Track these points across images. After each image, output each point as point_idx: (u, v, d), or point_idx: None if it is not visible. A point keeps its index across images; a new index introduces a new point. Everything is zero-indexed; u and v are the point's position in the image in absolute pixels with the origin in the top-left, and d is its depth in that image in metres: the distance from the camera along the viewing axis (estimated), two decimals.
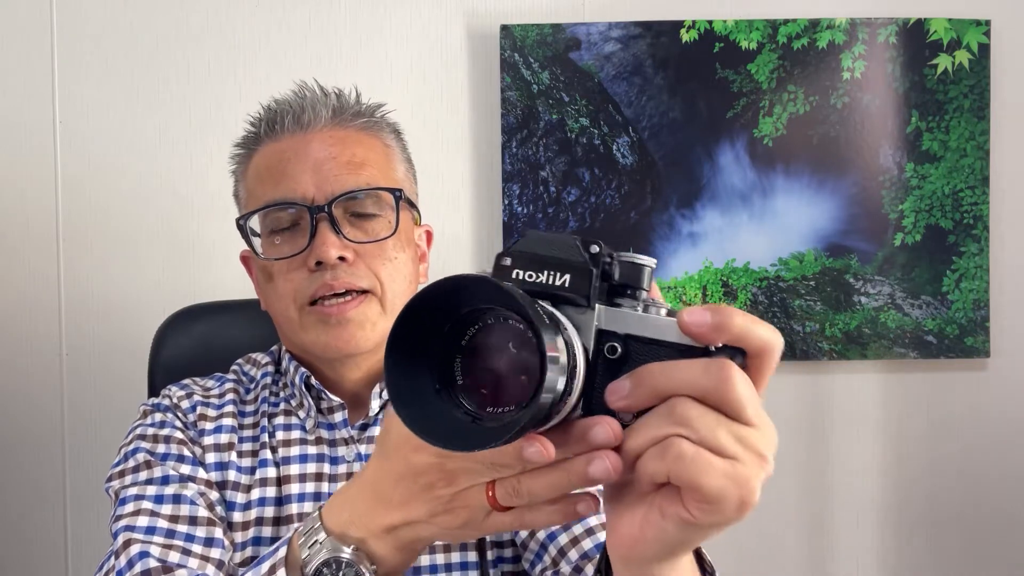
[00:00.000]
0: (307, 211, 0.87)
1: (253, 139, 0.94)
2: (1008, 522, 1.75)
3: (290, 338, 0.93)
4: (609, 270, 0.49)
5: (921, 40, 1.67)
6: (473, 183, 1.69)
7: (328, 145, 0.90)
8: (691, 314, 0.47)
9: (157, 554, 0.77)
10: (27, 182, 1.63)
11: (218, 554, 0.81)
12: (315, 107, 0.91)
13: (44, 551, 1.64)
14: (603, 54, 1.66)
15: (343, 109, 0.93)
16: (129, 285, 1.64)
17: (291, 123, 0.91)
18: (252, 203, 0.92)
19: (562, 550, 0.83)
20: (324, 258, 0.86)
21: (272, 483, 0.89)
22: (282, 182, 0.89)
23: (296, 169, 0.89)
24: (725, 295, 1.68)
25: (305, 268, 0.88)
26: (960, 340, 1.70)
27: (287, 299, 0.89)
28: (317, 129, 0.91)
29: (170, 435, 0.89)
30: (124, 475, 0.87)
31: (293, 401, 0.94)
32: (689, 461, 0.46)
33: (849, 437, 1.73)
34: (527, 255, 0.49)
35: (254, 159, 0.94)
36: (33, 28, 1.63)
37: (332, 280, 0.86)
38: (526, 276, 0.48)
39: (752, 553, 1.70)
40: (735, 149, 1.67)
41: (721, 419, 0.46)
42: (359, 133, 0.93)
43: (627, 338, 0.48)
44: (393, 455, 0.56)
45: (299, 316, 0.89)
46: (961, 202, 1.69)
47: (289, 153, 0.90)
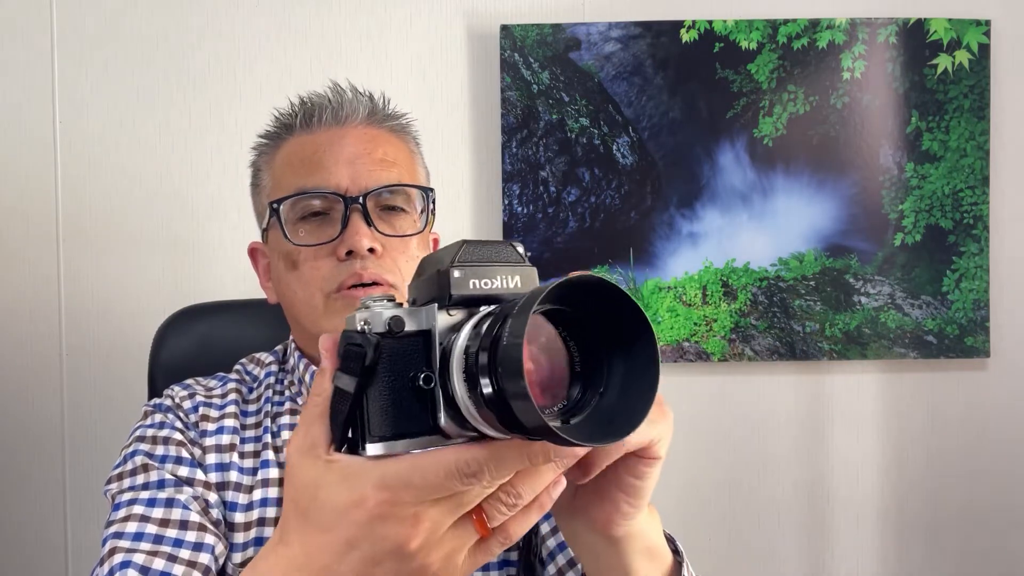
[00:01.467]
0: (341, 201, 0.89)
1: (285, 129, 0.95)
2: (1008, 522, 1.75)
3: (308, 328, 0.93)
4: None
5: (921, 40, 1.67)
6: (473, 183, 1.69)
7: (363, 141, 0.92)
8: None
9: (140, 562, 0.77)
10: (27, 182, 1.63)
11: (206, 560, 0.80)
12: (353, 105, 0.94)
13: (44, 551, 1.64)
14: (603, 54, 1.66)
15: (376, 111, 0.95)
16: (129, 285, 1.64)
17: (329, 117, 0.93)
18: (280, 190, 0.93)
19: (571, 561, 0.84)
20: (356, 248, 0.87)
21: (274, 483, 0.89)
22: (317, 172, 0.90)
23: (331, 160, 0.91)
24: (725, 295, 1.68)
25: (334, 257, 0.89)
26: (960, 340, 1.70)
27: (313, 286, 0.90)
28: (352, 125, 0.93)
29: (169, 436, 0.89)
30: (122, 478, 0.87)
31: (300, 399, 0.94)
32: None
33: (849, 437, 1.73)
34: (477, 265, 0.50)
35: (284, 148, 0.95)
36: (33, 28, 1.63)
37: (362, 270, 0.88)
38: (481, 284, 0.50)
39: (752, 553, 1.70)
40: (735, 149, 1.67)
41: None
42: (389, 134, 0.96)
43: None
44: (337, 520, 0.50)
45: (324, 303, 0.90)
46: (961, 202, 1.69)
47: (324, 145, 0.92)
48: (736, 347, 1.69)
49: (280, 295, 0.96)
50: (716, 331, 1.68)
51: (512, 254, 0.51)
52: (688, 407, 1.70)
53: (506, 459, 0.48)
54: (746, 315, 1.68)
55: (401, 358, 0.49)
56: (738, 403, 1.72)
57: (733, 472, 1.70)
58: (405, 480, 0.49)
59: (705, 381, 1.72)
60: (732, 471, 1.70)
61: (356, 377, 0.49)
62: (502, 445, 0.48)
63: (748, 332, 1.69)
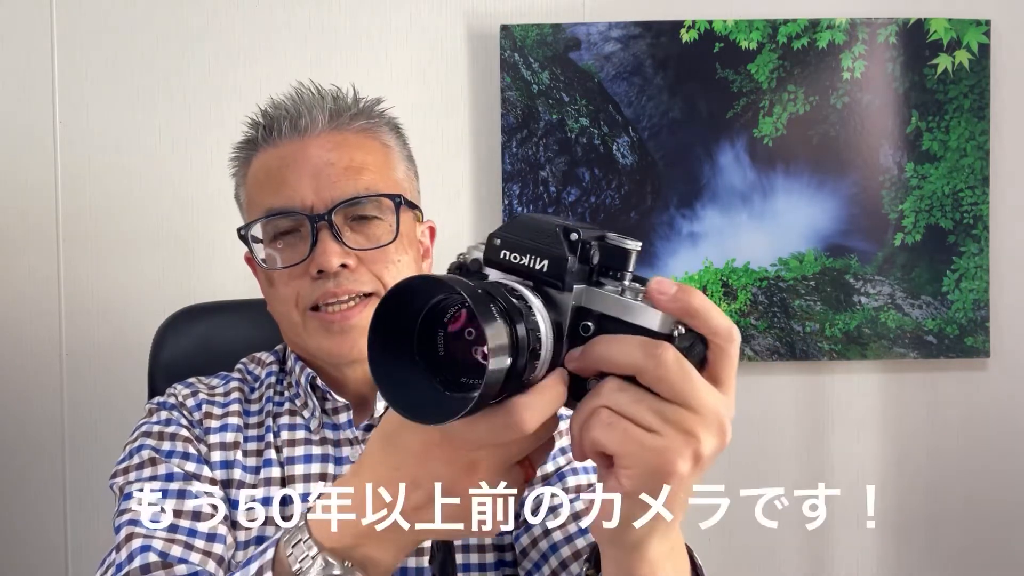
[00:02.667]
0: (307, 219, 0.87)
1: (251, 144, 0.94)
2: (1008, 522, 1.75)
3: (294, 340, 0.94)
4: (589, 255, 0.53)
5: (921, 40, 1.67)
6: (473, 183, 1.68)
7: (326, 150, 0.90)
8: (659, 283, 0.51)
9: (159, 548, 0.77)
10: (27, 182, 1.63)
11: (220, 550, 0.81)
12: (312, 111, 0.90)
13: (44, 551, 1.64)
14: (603, 54, 1.66)
15: (340, 112, 0.92)
16: (129, 285, 1.64)
17: (288, 129, 0.90)
18: (253, 210, 0.92)
19: (564, 563, 0.83)
20: (325, 267, 0.86)
21: (276, 483, 0.89)
22: (281, 190, 0.89)
23: (294, 176, 0.88)
24: (725, 295, 1.68)
25: (307, 275, 0.88)
26: (960, 340, 1.70)
27: (289, 304, 0.90)
28: (315, 135, 0.90)
29: (176, 433, 0.89)
30: (128, 472, 0.87)
31: (298, 401, 0.95)
32: (607, 427, 0.50)
33: (849, 437, 1.73)
34: (513, 239, 0.54)
35: (253, 164, 0.94)
36: (33, 28, 1.63)
37: (335, 288, 0.87)
38: (511, 258, 0.54)
39: (752, 553, 1.70)
40: (735, 149, 1.67)
41: (645, 396, 0.50)
42: (357, 136, 0.92)
43: (601, 317, 0.52)
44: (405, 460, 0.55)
45: (302, 320, 0.90)
46: (961, 202, 1.69)
47: (288, 160, 0.90)
48: None
49: (269, 307, 0.96)
50: None
51: (551, 238, 0.53)
52: None
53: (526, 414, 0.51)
54: (746, 315, 1.68)
55: None
56: (738, 403, 1.71)
57: (733, 472, 1.70)
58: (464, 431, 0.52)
59: None
60: (732, 471, 1.70)
61: None
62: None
63: (748, 332, 1.69)
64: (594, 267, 0.53)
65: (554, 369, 0.52)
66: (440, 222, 1.05)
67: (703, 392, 0.50)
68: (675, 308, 0.50)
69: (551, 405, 0.52)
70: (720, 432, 0.51)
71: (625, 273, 0.53)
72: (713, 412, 0.50)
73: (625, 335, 0.51)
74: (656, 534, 0.54)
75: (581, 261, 0.53)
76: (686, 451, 0.50)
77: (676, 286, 0.51)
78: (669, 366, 0.49)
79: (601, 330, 0.52)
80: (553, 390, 0.51)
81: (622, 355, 0.50)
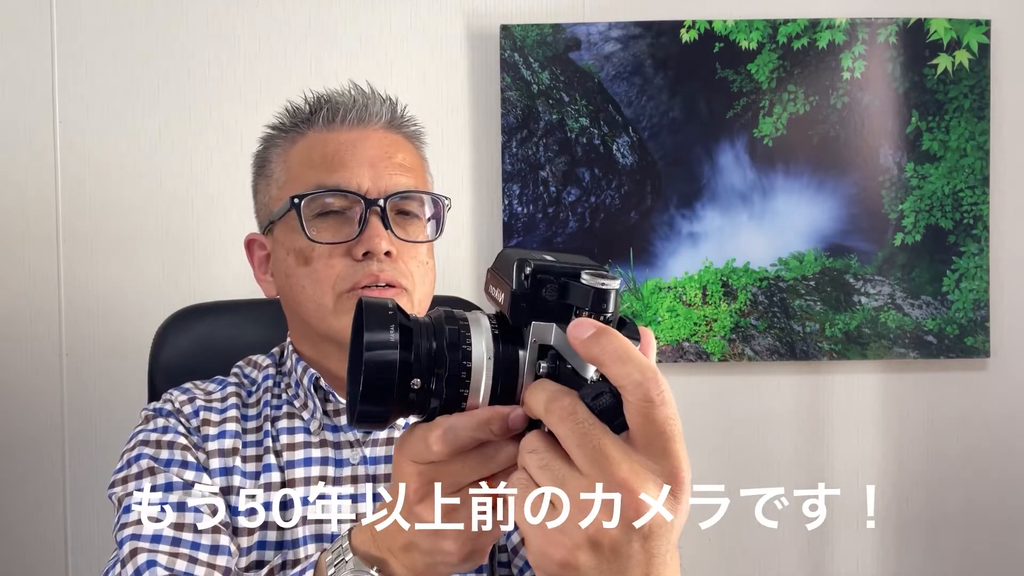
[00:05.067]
0: (362, 202, 0.89)
1: (305, 122, 0.95)
2: (1008, 522, 1.75)
3: (314, 325, 0.92)
4: (543, 291, 0.50)
5: (921, 40, 1.66)
6: (473, 183, 1.69)
7: (384, 145, 0.94)
8: (578, 325, 0.46)
9: (164, 562, 0.77)
10: (27, 182, 1.63)
11: (224, 561, 0.80)
12: (375, 107, 0.95)
13: (44, 551, 1.64)
14: (603, 54, 1.66)
15: (396, 115, 0.97)
16: (129, 285, 1.64)
17: (354, 117, 0.94)
18: (298, 185, 0.93)
19: None
20: (375, 249, 0.88)
21: (276, 487, 0.88)
22: (339, 171, 0.91)
23: (354, 160, 0.91)
24: (725, 295, 1.68)
25: (350, 256, 0.89)
26: (960, 340, 1.69)
27: (325, 284, 0.90)
28: (375, 128, 0.95)
29: (173, 441, 0.89)
30: (127, 481, 0.87)
31: (297, 402, 0.94)
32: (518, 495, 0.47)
33: (849, 437, 1.73)
34: (495, 272, 0.54)
35: (301, 142, 0.95)
36: (33, 28, 1.63)
37: (379, 271, 0.88)
38: (492, 291, 0.54)
39: (752, 553, 1.70)
40: (735, 149, 1.67)
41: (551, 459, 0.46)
42: (406, 141, 0.97)
43: (557, 357, 0.50)
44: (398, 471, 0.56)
45: (335, 302, 0.90)
46: (961, 202, 1.69)
47: (347, 145, 0.92)
48: (736, 347, 1.69)
49: (284, 290, 0.95)
50: (716, 331, 1.68)
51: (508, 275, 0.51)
52: (688, 407, 1.70)
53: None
54: (746, 315, 1.68)
55: None
56: (738, 403, 1.72)
57: (733, 472, 1.70)
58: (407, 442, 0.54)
59: (705, 381, 1.72)
60: (732, 471, 1.70)
61: None
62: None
63: (748, 332, 1.69)
64: (571, 306, 0.49)
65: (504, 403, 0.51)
66: None
67: (604, 457, 0.43)
68: (586, 355, 0.46)
69: (463, 432, 0.50)
70: (628, 508, 0.42)
71: (603, 315, 0.48)
72: (618, 483, 0.43)
73: (543, 381, 0.49)
74: None
75: (547, 296, 0.50)
76: (579, 536, 0.43)
77: (594, 328, 0.45)
78: (565, 421, 0.44)
79: (553, 371, 0.50)
80: (470, 419, 0.50)
81: (532, 402, 0.48)
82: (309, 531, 0.86)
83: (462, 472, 0.53)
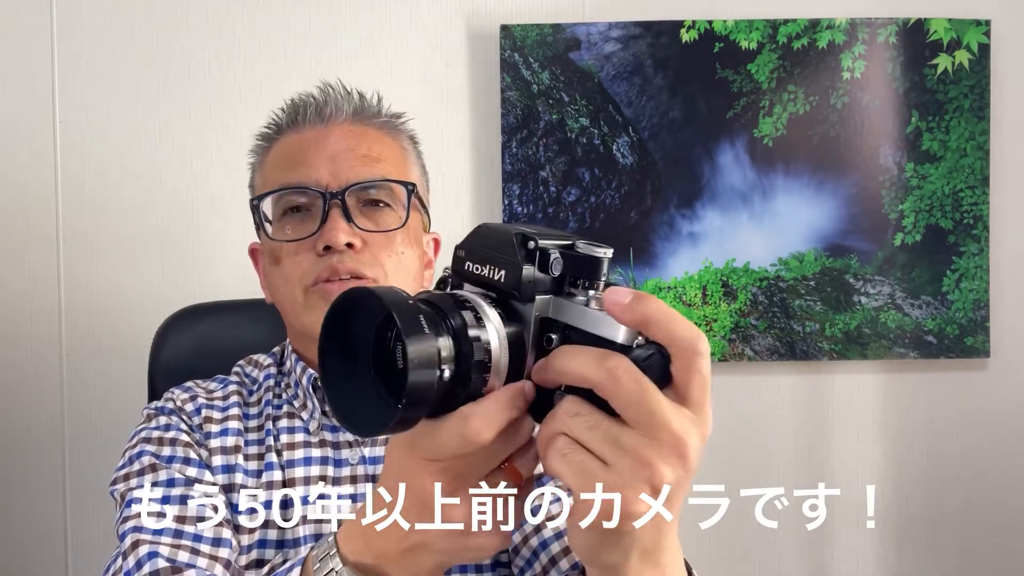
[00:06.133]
0: (320, 196, 0.89)
1: (275, 130, 0.97)
2: (1008, 522, 1.75)
3: (293, 323, 0.94)
4: (549, 264, 0.51)
5: (921, 40, 1.67)
6: (473, 183, 1.69)
7: (347, 138, 0.93)
8: (613, 292, 0.48)
9: (166, 554, 0.77)
10: (27, 182, 1.63)
11: (226, 554, 0.81)
12: (337, 103, 0.94)
13: (44, 551, 1.64)
14: (603, 54, 1.66)
15: (364, 109, 0.96)
16: (129, 285, 1.64)
17: (313, 115, 0.94)
18: (267, 187, 0.94)
19: (553, 559, 0.82)
20: (333, 243, 0.88)
21: (278, 486, 0.89)
22: (299, 168, 0.91)
23: (313, 157, 0.91)
24: (725, 295, 1.68)
25: (313, 252, 0.89)
26: (960, 340, 1.70)
27: (293, 280, 0.91)
28: (338, 123, 0.94)
29: (176, 438, 0.89)
30: (129, 478, 0.87)
31: (296, 402, 0.94)
32: (562, 458, 0.47)
33: (849, 437, 1.73)
34: (476, 249, 0.53)
35: (274, 149, 0.96)
36: (33, 28, 1.63)
37: (338, 264, 0.88)
38: (474, 268, 0.53)
39: (751, 553, 1.70)
40: (735, 149, 1.67)
41: (601, 420, 0.47)
42: (377, 132, 0.96)
43: (566, 328, 0.51)
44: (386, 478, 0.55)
45: (303, 298, 0.91)
46: (961, 202, 1.69)
47: (308, 142, 0.93)
48: (736, 347, 1.69)
49: (270, 292, 0.97)
50: (716, 331, 1.68)
51: (507, 248, 0.51)
52: None
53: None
54: (746, 315, 1.68)
55: None
56: (738, 403, 1.72)
57: (733, 472, 1.70)
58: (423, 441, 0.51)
59: None
60: (732, 471, 1.70)
61: None
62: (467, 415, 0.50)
63: (748, 332, 1.69)
64: (564, 276, 0.51)
65: (516, 381, 0.51)
66: (440, 222, 1.05)
67: (661, 411, 0.46)
68: (631, 319, 0.47)
69: (500, 414, 0.49)
70: (680, 458, 0.46)
71: (597, 282, 0.51)
72: (672, 435, 0.46)
73: (583, 346, 0.49)
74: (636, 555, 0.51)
75: (543, 270, 0.51)
76: (641, 487, 0.45)
77: (632, 294, 0.47)
78: (622, 381, 0.45)
79: (565, 341, 0.50)
80: (501, 399, 0.50)
81: (578, 367, 0.47)
82: (309, 530, 0.87)
83: (494, 454, 0.52)
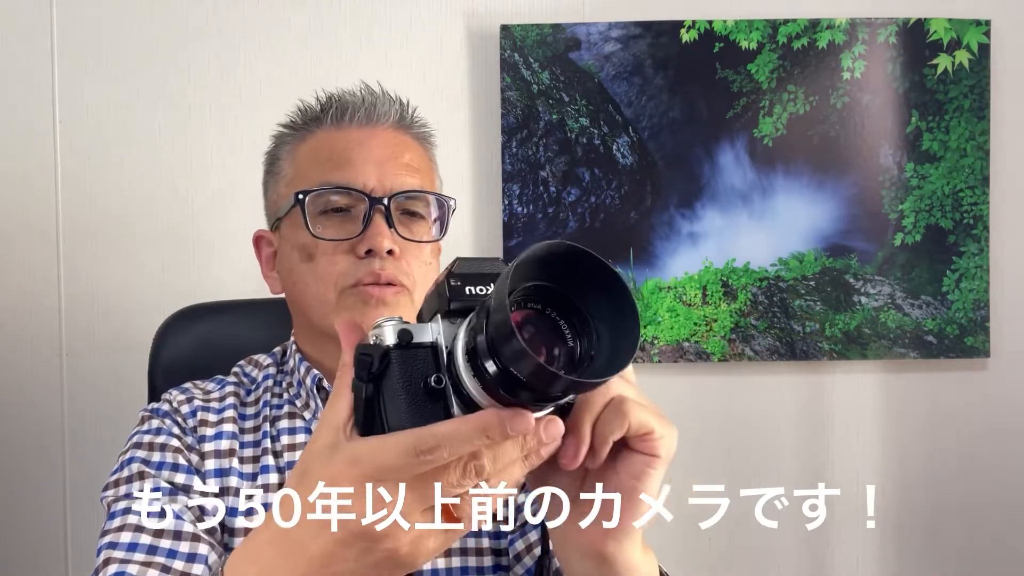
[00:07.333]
0: (366, 200, 0.90)
1: (314, 121, 0.96)
2: (1008, 522, 1.75)
3: (316, 322, 0.93)
4: None
5: (921, 40, 1.67)
6: (473, 183, 1.69)
7: (391, 145, 0.94)
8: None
9: (135, 572, 0.77)
10: (27, 182, 1.63)
11: (199, 570, 0.80)
12: (385, 108, 0.95)
13: (44, 551, 1.64)
14: (603, 54, 1.66)
15: (405, 116, 0.97)
16: (129, 285, 1.64)
17: (362, 116, 0.95)
18: (304, 182, 0.93)
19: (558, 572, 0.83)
20: (377, 247, 0.88)
21: (274, 488, 0.88)
22: (345, 168, 0.92)
23: (360, 159, 0.92)
24: (725, 295, 1.68)
25: (353, 254, 0.90)
26: (960, 340, 1.70)
27: (328, 280, 0.90)
28: (384, 127, 0.95)
29: (165, 443, 0.89)
30: (118, 485, 0.87)
31: (298, 402, 0.94)
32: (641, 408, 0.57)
33: (849, 437, 1.73)
34: (470, 275, 0.55)
35: (310, 140, 0.96)
36: (33, 28, 1.63)
37: (380, 270, 0.89)
38: (476, 291, 0.54)
39: (751, 553, 1.70)
40: (735, 149, 1.67)
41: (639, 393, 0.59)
42: (415, 142, 0.98)
43: None
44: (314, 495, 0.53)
45: (337, 298, 0.90)
46: (961, 202, 1.69)
47: (354, 143, 0.93)
48: (736, 347, 1.69)
49: (288, 286, 0.96)
50: (716, 331, 1.68)
51: (501, 266, 0.53)
52: (688, 407, 1.70)
53: (462, 433, 0.49)
54: (746, 315, 1.68)
55: (412, 365, 0.53)
56: (738, 403, 1.72)
57: (733, 472, 1.70)
58: (370, 457, 0.50)
59: (705, 381, 1.72)
60: (732, 471, 1.70)
61: (364, 384, 0.53)
62: (460, 421, 0.50)
63: (748, 332, 1.69)
64: None
65: None
66: None
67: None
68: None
69: None
70: None
71: None
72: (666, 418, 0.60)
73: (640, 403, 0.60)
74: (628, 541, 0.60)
75: None
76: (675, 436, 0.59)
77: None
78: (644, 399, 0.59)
79: None
80: None
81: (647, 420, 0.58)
82: None
83: None
